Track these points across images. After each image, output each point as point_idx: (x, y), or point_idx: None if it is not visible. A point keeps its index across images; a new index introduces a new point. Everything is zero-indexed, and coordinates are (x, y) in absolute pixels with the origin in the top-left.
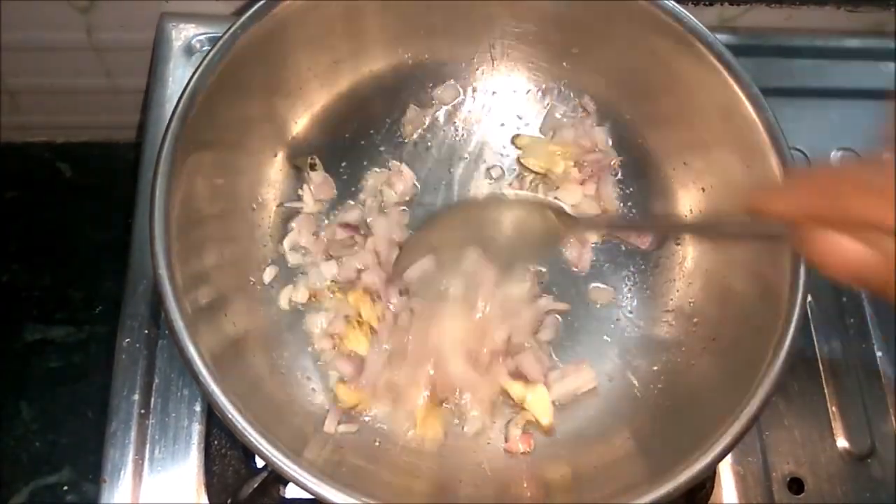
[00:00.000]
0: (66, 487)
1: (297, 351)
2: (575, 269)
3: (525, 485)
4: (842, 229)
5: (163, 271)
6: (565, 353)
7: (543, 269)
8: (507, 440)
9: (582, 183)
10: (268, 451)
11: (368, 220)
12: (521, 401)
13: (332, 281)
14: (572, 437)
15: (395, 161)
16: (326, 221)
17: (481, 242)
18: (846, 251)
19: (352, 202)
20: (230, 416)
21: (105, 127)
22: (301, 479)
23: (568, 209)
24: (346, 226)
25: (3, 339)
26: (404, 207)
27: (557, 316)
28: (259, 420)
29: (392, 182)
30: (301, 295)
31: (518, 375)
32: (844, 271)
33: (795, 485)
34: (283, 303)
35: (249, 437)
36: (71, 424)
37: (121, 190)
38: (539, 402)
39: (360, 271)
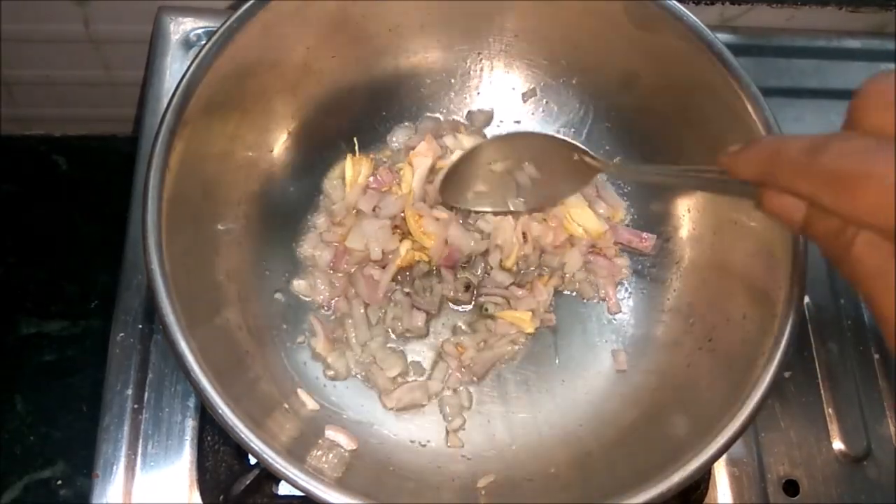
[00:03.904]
0: (59, 482)
1: (293, 347)
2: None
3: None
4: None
5: (155, 266)
6: (561, 352)
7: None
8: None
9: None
10: (258, 448)
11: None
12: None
13: None
14: (568, 434)
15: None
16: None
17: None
18: (795, 212)
19: None
20: (221, 412)
21: (102, 120)
22: (292, 477)
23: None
24: None
25: None
26: None
27: None
28: (251, 417)
29: None
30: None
31: None
32: (797, 230)
33: (791, 487)
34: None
35: (240, 433)
36: (65, 418)
37: (117, 184)
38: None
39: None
